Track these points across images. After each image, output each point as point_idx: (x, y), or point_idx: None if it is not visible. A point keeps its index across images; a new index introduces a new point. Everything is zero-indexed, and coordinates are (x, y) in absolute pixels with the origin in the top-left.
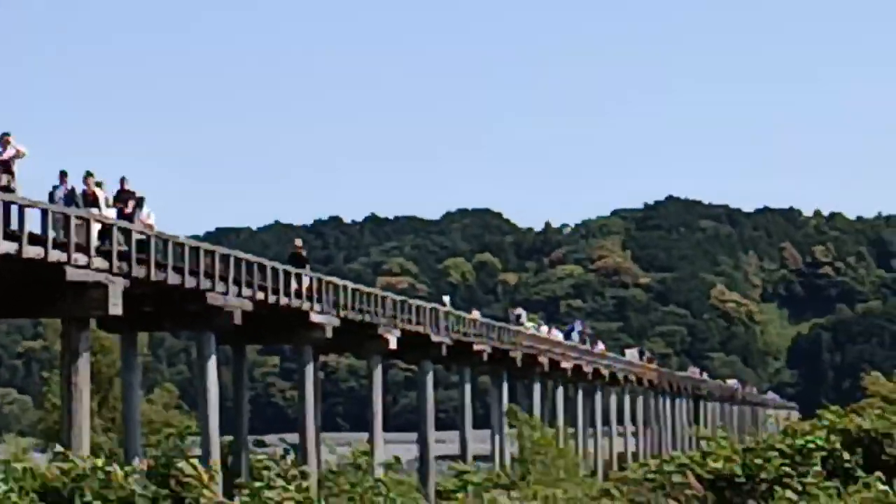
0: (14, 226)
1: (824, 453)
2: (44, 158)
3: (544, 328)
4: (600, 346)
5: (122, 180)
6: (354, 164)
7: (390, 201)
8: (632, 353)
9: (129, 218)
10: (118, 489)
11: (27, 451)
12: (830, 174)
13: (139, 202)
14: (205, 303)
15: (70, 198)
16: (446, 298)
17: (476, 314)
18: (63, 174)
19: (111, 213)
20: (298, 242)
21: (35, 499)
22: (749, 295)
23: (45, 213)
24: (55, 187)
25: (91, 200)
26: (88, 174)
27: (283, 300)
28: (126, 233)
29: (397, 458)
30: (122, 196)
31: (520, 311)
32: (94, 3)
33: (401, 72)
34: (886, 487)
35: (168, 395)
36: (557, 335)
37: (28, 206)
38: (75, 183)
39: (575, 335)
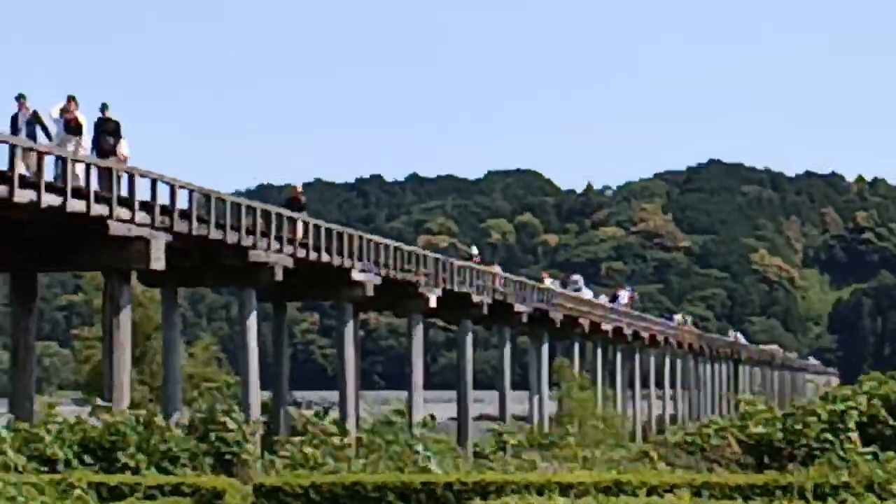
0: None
1: (864, 419)
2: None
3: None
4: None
5: (104, 107)
6: (397, 123)
7: (432, 160)
8: (678, 319)
9: (111, 151)
10: (160, 443)
11: (54, 407)
12: (874, 140)
13: (117, 131)
14: (246, 259)
15: (32, 124)
16: (474, 249)
17: (497, 268)
18: (21, 98)
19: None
20: (298, 188)
21: (79, 451)
22: (790, 260)
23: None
24: (15, 115)
25: (74, 127)
26: (71, 98)
27: (325, 257)
28: (108, 172)
29: (432, 416)
30: (104, 126)
31: (577, 277)
32: None
33: (447, 32)
34: None
35: (207, 350)
36: (587, 293)
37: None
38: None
39: (622, 301)
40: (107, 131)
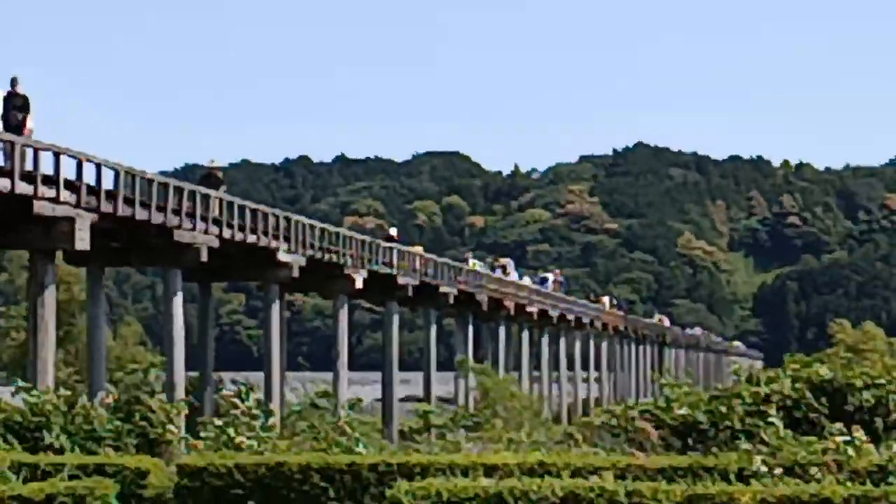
0: None
1: (788, 402)
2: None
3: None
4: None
5: (13, 82)
6: (325, 104)
7: (360, 142)
8: (606, 302)
9: (20, 125)
10: (84, 423)
11: None
12: (799, 125)
13: (26, 105)
14: (172, 239)
15: None
16: (393, 231)
17: (418, 249)
18: None
19: None
20: (215, 162)
21: (2, 431)
22: (716, 243)
23: None
24: None
25: None
26: None
27: (251, 238)
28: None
29: (359, 399)
30: (13, 100)
31: (507, 260)
32: None
33: (374, 14)
34: (845, 437)
35: (132, 330)
36: (514, 276)
37: None
38: None
39: (549, 284)
40: (15, 106)
